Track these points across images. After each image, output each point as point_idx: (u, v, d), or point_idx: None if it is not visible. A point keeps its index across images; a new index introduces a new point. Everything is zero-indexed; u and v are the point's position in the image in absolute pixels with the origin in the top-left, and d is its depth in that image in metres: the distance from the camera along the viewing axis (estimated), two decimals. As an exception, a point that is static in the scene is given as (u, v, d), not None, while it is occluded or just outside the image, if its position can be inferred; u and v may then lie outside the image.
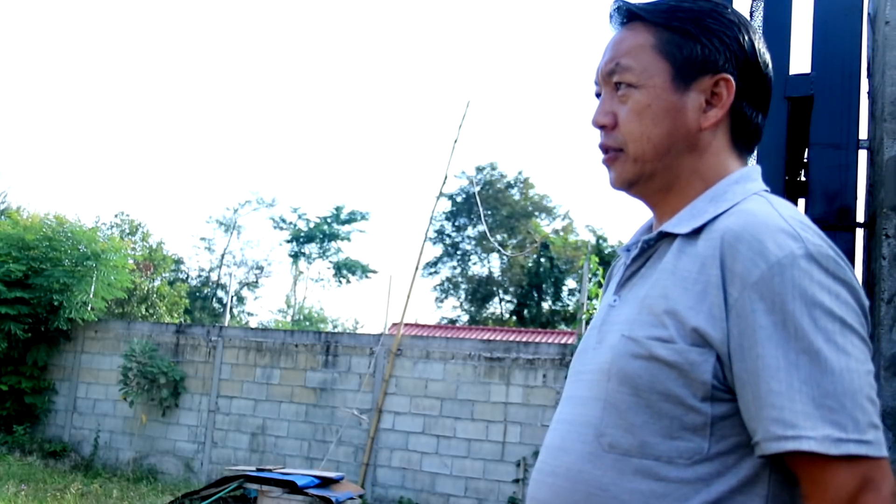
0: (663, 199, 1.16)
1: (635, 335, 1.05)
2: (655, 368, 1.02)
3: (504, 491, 9.64)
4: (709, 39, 1.12)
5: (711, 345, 1.00)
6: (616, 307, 1.14)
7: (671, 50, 1.13)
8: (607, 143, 1.16)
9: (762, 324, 0.97)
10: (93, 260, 12.42)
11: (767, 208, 1.04)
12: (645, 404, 1.03)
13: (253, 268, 33.14)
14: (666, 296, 1.05)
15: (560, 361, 9.70)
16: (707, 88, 1.12)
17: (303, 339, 11.09)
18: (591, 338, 1.17)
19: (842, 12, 1.83)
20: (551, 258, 28.95)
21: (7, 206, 21.40)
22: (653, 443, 1.02)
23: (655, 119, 1.12)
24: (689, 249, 1.07)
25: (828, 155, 1.79)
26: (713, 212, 1.08)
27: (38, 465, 11.05)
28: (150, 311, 18.02)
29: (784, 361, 0.95)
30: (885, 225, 1.65)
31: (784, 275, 0.97)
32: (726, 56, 1.12)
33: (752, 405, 0.97)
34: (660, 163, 1.13)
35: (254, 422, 11.03)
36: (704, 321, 1.00)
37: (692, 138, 1.12)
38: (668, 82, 1.12)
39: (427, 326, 20.82)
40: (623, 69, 1.14)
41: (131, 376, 11.11)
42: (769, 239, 0.99)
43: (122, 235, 19.78)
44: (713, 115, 1.12)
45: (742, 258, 0.99)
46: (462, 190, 31.21)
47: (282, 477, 7.60)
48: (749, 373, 0.97)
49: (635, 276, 1.14)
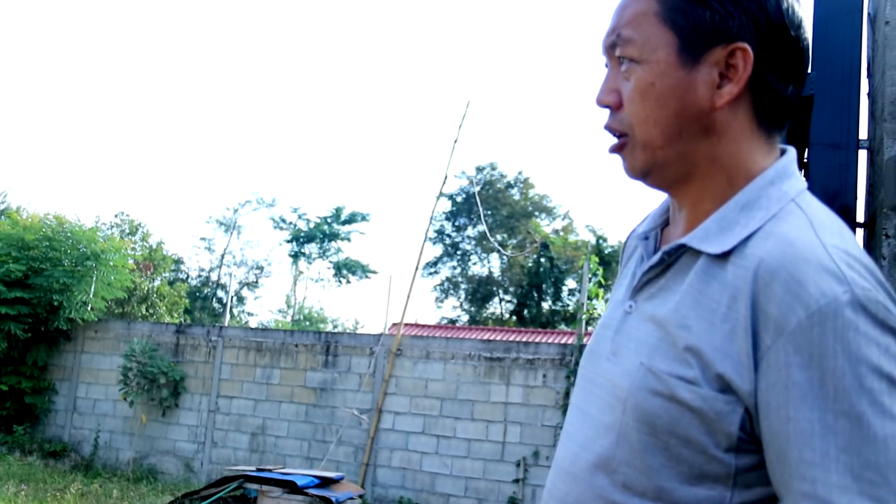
0: (683, 190, 1.02)
1: (656, 368, 0.93)
2: (676, 411, 0.90)
3: (504, 491, 9.64)
4: (720, 3, 0.95)
5: (737, 393, 0.88)
6: (632, 316, 1.02)
7: (676, 17, 0.97)
8: (613, 125, 1.03)
9: (797, 380, 0.83)
10: (93, 260, 12.42)
11: (809, 235, 0.89)
12: (663, 447, 0.91)
13: (253, 268, 33.17)
14: (689, 328, 0.92)
15: (560, 361, 9.70)
16: (720, 61, 0.96)
17: (303, 339, 11.09)
18: (604, 342, 1.05)
19: (842, 12, 1.83)
20: (551, 258, 28.95)
21: (7, 206, 21.41)
22: (670, 488, 0.91)
23: (661, 99, 0.97)
24: (717, 273, 0.93)
25: (827, 155, 1.79)
26: (745, 226, 0.93)
27: (38, 465, 11.05)
28: (150, 311, 18.03)
29: (820, 426, 0.82)
30: (885, 225, 1.65)
31: (825, 325, 0.82)
32: (742, 21, 0.95)
33: (779, 472, 0.85)
34: (671, 149, 0.99)
35: (254, 422, 11.03)
36: (731, 368, 0.88)
37: (706, 120, 0.97)
38: (673, 56, 0.97)
39: (427, 326, 20.82)
40: (624, 41, 1.00)
41: (131, 376, 11.11)
42: (810, 280, 0.84)
43: (122, 235, 19.78)
44: (728, 91, 0.96)
45: (777, 301, 0.85)
46: (462, 190, 31.24)
47: (282, 477, 7.60)
48: (777, 435, 0.85)
49: (652, 284, 1.02)
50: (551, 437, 9.55)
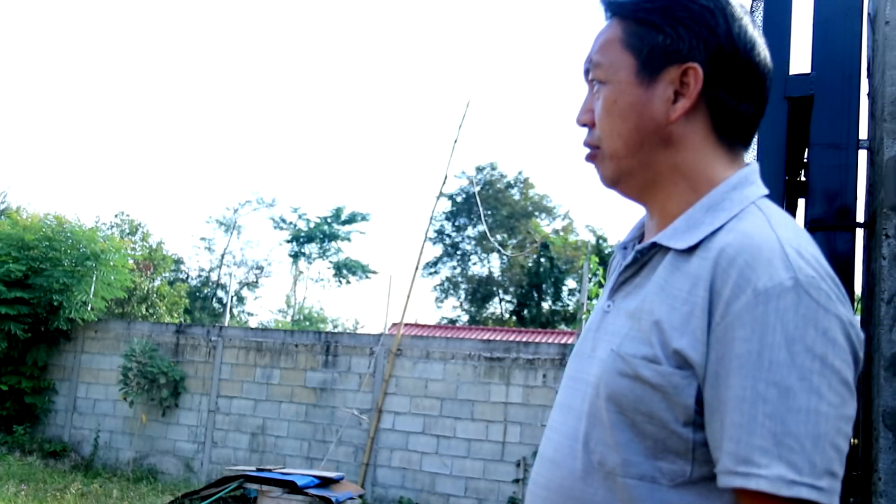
0: (651, 197, 1.13)
1: (624, 352, 1.03)
2: (640, 389, 1.00)
3: (504, 491, 9.64)
4: (673, 28, 1.07)
5: (693, 367, 0.97)
6: (609, 314, 1.12)
7: (635, 42, 1.10)
8: (588, 141, 1.15)
9: (738, 352, 0.93)
10: (92, 260, 12.42)
11: (766, 230, 1.00)
12: (629, 423, 1.01)
13: (253, 268, 33.16)
14: (653, 312, 1.02)
15: (560, 361, 9.70)
16: (675, 79, 1.07)
17: (303, 339, 11.09)
18: (586, 342, 1.15)
19: (842, 12, 1.83)
20: (551, 258, 28.95)
21: (7, 206, 21.41)
22: (636, 461, 1.00)
23: (622, 114, 1.10)
24: (682, 266, 1.03)
25: (828, 155, 1.79)
26: (710, 224, 1.04)
27: (38, 464, 11.05)
28: (150, 311, 18.02)
29: (751, 393, 0.91)
30: (885, 225, 1.65)
31: (769, 305, 0.92)
32: (692, 44, 1.07)
33: (718, 435, 0.95)
34: (634, 159, 1.10)
35: (254, 422, 11.03)
36: (687, 344, 0.97)
37: (663, 132, 1.08)
38: (632, 76, 1.10)
39: (427, 326, 20.82)
40: (595, 66, 1.14)
41: (131, 376, 11.11)
42: (761, 266, 0.95)
43: (122, 235, 19.78)
44: (681, 106, 1.07)
45: (731, 284, 0.96)
46: (462, 190, 31.24)
47: (282, 477, 7.60)
48: (718, 401, 0.94)
49: (628, 283, 1.12)
50: (551, 437, 9.56)
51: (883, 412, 1.57)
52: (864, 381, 1.72)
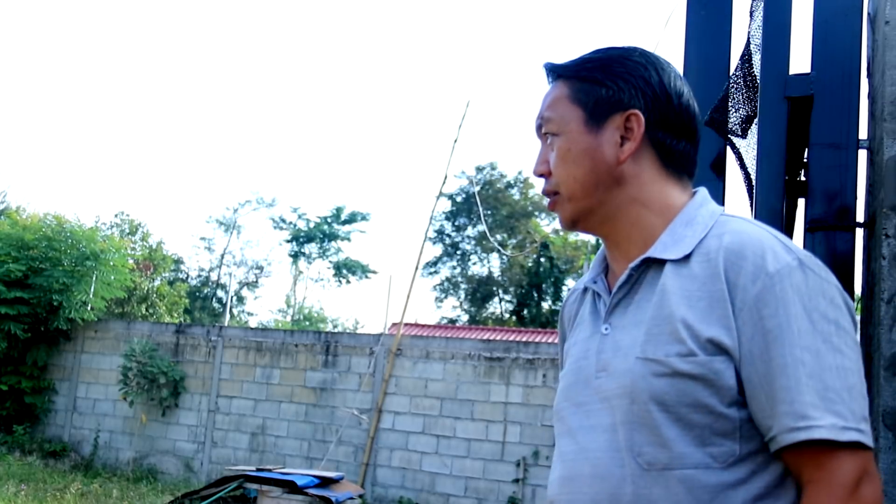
0: (613, 230, 1.24)
1: (653, 355, 1.11)
2: (681, 383, 1.08)
3: (504, 491, 9.64)
4: (613, 82, 1.21)
5: (728, 352, 1.08)
6: (610, 335, 1.19)
7: (581, 97, 1.23)
8: (547, 189, 1.27)
9: (769, 328, 1.06)
10: (92, 260, 12.42)
11: (753, 227, 1.15)
12: (675, 418, 1.08)
13: (253, 268, 33.15)
14: (674, 314, 1.11)
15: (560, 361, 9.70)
16: (620, 125, 1.20)
17: (303, 339, 11.09)
18: (586, 368, 1.21)
19: (842, 12, 1.83)
20: (551, 258, 28.94)
21: (7, 205, 21.41)
22: (688, 453, 1.08)
23: (576, 160, 1.22)
24: (684, 272, 1.14)
25: (828, 155, 1.79)
26: (693, 236, 1.16)
27: (38, 464, 11.06)
28: (150, 311, 18.02)
29: (791, 359, 1.04)
30: (885, 225, 1.65)
31: (784, 283, 1.07)
32: (631, 93, 1.20)
33: (766, 404, 1.05)
34: (592, 199, 1.22)
35: (254, 422, 11.03)
36: (717, 331, 1.08)
37: (614, 172, 1.20)
38: (581, 126, 1.22)
39: (427, 326, 20.80)
40: (546, 121, 1.26)
41: (131, 376, 11.11)
42: (767, 254, 1.09)
43: (122, 235, 19.77)
44: (628, 147, 1.20)
45: (746, 273, 1.08)
46: (462, 190, 31.22)
47: (282, 477, 7.60)
48: (761, 375, 1.06)
49: (623, 302, 1.20)
50: (551, 436, 9.55)
51: (883, 412, 1.57)
52: (865, 380, 1.72)
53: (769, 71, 1.88)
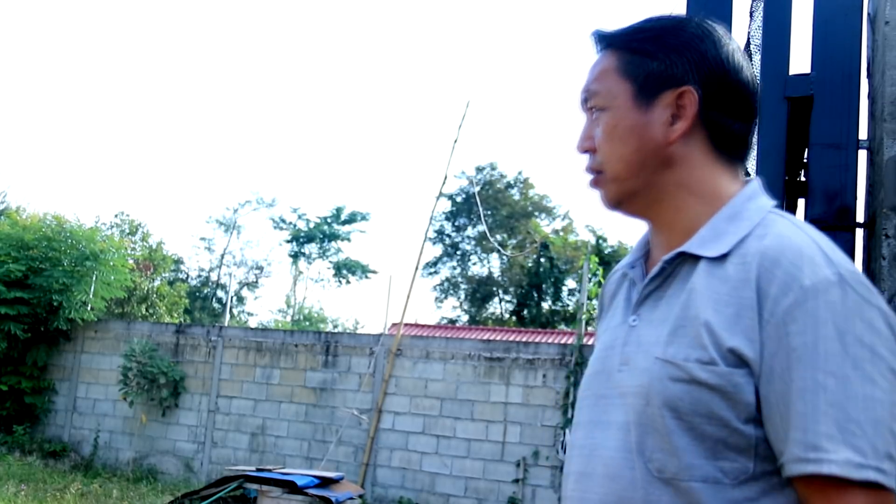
0: (656, 214, 1.17)
1: (672, 358, 1.05)
2: (697, 391, 1.02)
3: (504, 491, 9.64)
4: (666, 55, 1.13)
5: (749, 365, 1.01)
6: (637, 327, 1.13)
7: (631, 70, 1.15)
8: (591, 166, 1.19)
9: (794, 346, 0.98)
10: (92, 260, 12.42)
11: (799, 232, 1.05)
12: (687, 427, 1.02)
13: (253, 268, 33.15)
14: (699, 317, 1.05)
15: (560, 361, 9.70)
16: (671, 102, 1.13)
17: (303, 339, 11.09)
18: (611, 359, 1.15)
19: (842, 12, 1.83)
20: (551, 258, 28.94)
21: (7, 206, 21.40)
22: (697, 465, 1.01)
23: (623, 138, 1.14)
24: (717, 272, 1.06)
25: (828, 155, 1.79)
26: (735, 233, 1.08)
27: (38, 464, 11.05)
28: (150, 311, 18.01)
29: (812, 383, 0.96)
30: (885, 225, 1.65)
31: (818, 299, 0.98)
32: (686, 68, 1.13)
33: (781, 427, 0.98)
34: (637, 180, 1.15)
35: (254, 422, 11.03)
36: (740, 342, 1.01)
37: (663, 153, 1.13)
38: (630, 101, 1.15)
39: (427, 326, 20.80)
40: (592, 94, 1.19)
41: (131, 376, 11.11)
42: (805, 264, 1.00)
43: (122, 235, 19.76)
44: (679, 127, 1.13)
45: (778, 282, 1.00)
46: (462, 190, 31.22)
47: (282, 477, 7.60)
48: (778, 395, 0.98)
49: (654, 295, 1.13)
50: (551, 437, 9.55)
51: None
52: None
53: (769, 71, 1.88)
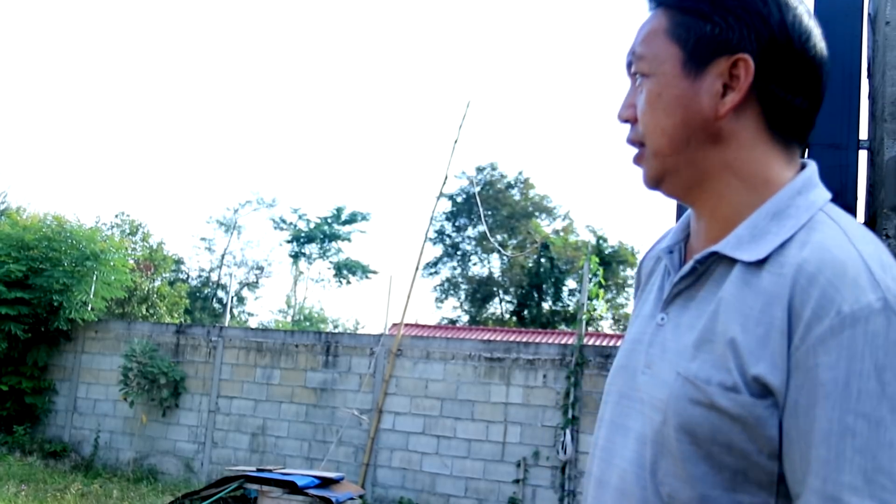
0: (699, 198, 1.05)
1: (694, 377, 0.94)
2: (717, 419, 0.91)
3: (504, 491, 9.64)
4: (723, 17, 0.99)
5: (774, 395, 0.89)
6: (664, 328, 1.03)
7: (681, 33, 1.02)
8: (632, 138, 1.08)
9: (823, 380, 0.85)
10: (92, 260, 12.42)
11: (845, 243, 0.91)
12: (705, 454, 0.92)
13: (253, 268, 33.15)
14: (726, 333, 0.93)
15: (560, 362, 9.70)
16: (724, 71, 0.99)
17: (303, 340, 11.09)
18: (637, 356, 1.06)
19: (842, 13, 1.83)
20: (551, 258, 28.94)
21: (7, 206, 21.41)
22: (713, 496, 0.92)
23: (667, 109, 1.02)
24: (752, 281, 0.94)
25: (828, 155, 1.79)
26: (777, 234, 0.95)
27: (39, 465, 11.05)
28: (151, 312, 18.02)
29: (839, 426, 0.83)
30: (886, 225, 1.65)
31: (856, 329, 0.84)
32: (743, 34, 0.99)
33: (799, 468, 0.87)
34: (680, 156, 1.02)
35: (254, 422, 11.03)
36: (766, 369, 0.89)
37: (711, 127, 1.00)
38: (678, 68, 1.02)
39: (427, 327, 20.80)
40: (638, 58, 1.06)
41: (131, 376, 11.11)
42: (846, 286, 0.86)
43: (123, 235, 19.77)
44: (730, 99, 0.99)
45: (813, 304, 0.87)
46: (462, 190, 31.23)
47: (282, 477, 7.60)
48: (800, 433, 0.86)
49: (684, 295, 1.03)
50: (551, 437, 9.55)
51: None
52: None
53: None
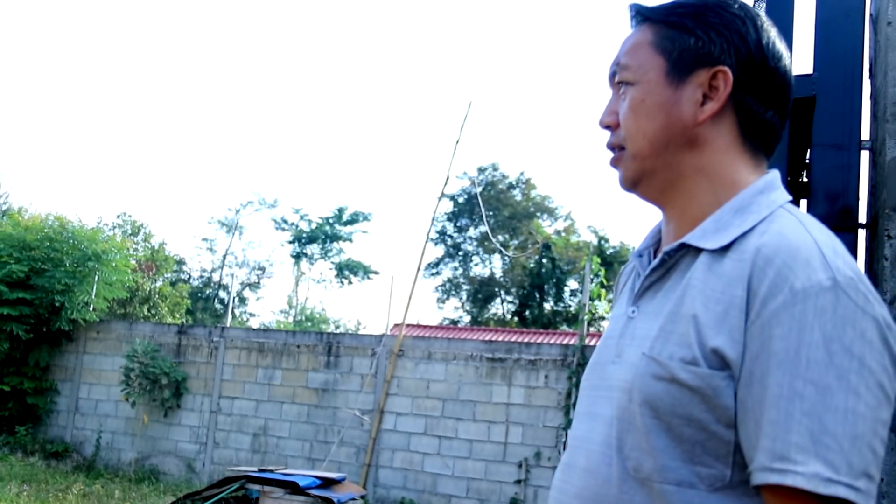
0: (670, 200, 1.13)
1: (657, 355, 1.01)
2: (677, 392, 0.98)
3: (506, 492, 9.63)
4: (705, 32, 1.09)
5: (731, 367, 0.96)
6: (635, 319, 1.10)
7: (666, 45, 1.11)
8: (612, 142, 1.16)
9: (775, 350, 0.92)
10: (94, 260, 12.43)
11: (801, 231, 1.00)
12: (666, 427, 0.99)
13: (255, 268, 33.17)
14: (688, 313, 1.01)
15: (562, 362, 9.70)
16: (704, 82, 1.09)
17: (305, 340, 11.09)
18: (607, 350, 1.13)
19: (844, 13, 1.83)
20: (553, 259, 28.93)
21: (9, 206, 21.43)
22: (673, 467, 0.98)
23: (650, 114, 1.10)
24: (715, 266, 1.02)
25: (830, 156, 1.79)
26: (739, 226, 1.04)
27: (41, 465, 11.06)
28: (152, 312, 18.03)
29: (788, 390, 0.91)
30: (888, 226, 1.65)
31: (807, 303, 0.92)
32: (723, 48, 1.08)
33: (753, 433, 0.94)
34: (659, 159, 1.11)
35: (255, 422, 11.03)
36: (724, 342, 0.97)
37: (689, 133, 1.09)
38: (661, 76, 1.11)
39: (429, 327, 20.80)
40: (623, 68, 1.14)
41: (133, 377, 11.11)
42: (799, 266, 0.95)
43: (125, 236, 19.78)
44: (709, 108, 1.08)
45: (769, 282, 0.95)
46: (464, 191, 31.23)
47: (284, 478, 7.60)
48: (754, 400, 0.94)
49: (654, 287, 1.11)
50: (553, 437, 9.55)
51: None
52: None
53: (771, 72, 1.87)
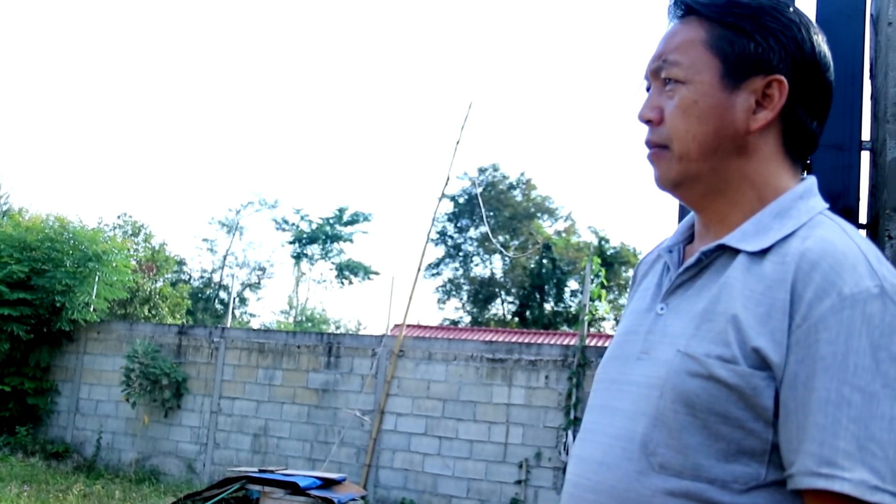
0: (711, 203, 1.11)
1: (694, 352, 1.00)
2: (715, 389, 0.97)
3: (506, 492, 9.63)
4: (764, 38, 1.06)
5: (771, 369, 0.96)
6: (664, 316, 1.09)
7: (723, 46, 1.08)
8: (652, 139, 1.12)
9: (822, 354, 0.92)
10: (95, 261, 12.43)
11: (844, 237, 1.00)
12: (701, 425, 0.98)
13: (255, 269, 33.17)
14: (727, 311, 1.00)
15: (562, 363, 9.69)
16: (758, 89, 1.07)
17: (305, 341, 11.09)
18: (631, 345, 1.11)
19: (844, 13, 1.83)
20: (553, 259, 28.93)
21: (9, 207, 21.44)
22: (707, 465, 0.97)
23: (702, 117, 1.07)
24: (754, 269, 1.01)
25: (830, 156, 1.79)
26: (780, 230, 1.03)
27: (41, 466, 11.06)
28: (153, 313, 18.03)
29: (836, 395, 0.91)
30: (889, 226, 1.65)
31: (855, 309, 0.92)
32: (781, 56, 1.06)
33: (795, 437, 0.93)
34: (705, 163, 1.08)
35: (256, 423, 11.03)
36: (766, 343, 0.96)
37: (740, 140, 1.07)
38: (716, 79, 1.07)
39: (429, 328, 20.81)
40: (671, 65, 1.10)
41: (133, 377, 11.11)
42: (846, 272, 0.95)
43: (125, 236, 19.77)
44: (763, 117, 1.06)
45: (815, 287, 0.95)
46: (464, 191, 31.22)
47: (284, 478, 7.60)
48: (798, 403, 0.93)
49: (687, 285, 1.09)
50: (553, 438, 9.55)
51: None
52: None
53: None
